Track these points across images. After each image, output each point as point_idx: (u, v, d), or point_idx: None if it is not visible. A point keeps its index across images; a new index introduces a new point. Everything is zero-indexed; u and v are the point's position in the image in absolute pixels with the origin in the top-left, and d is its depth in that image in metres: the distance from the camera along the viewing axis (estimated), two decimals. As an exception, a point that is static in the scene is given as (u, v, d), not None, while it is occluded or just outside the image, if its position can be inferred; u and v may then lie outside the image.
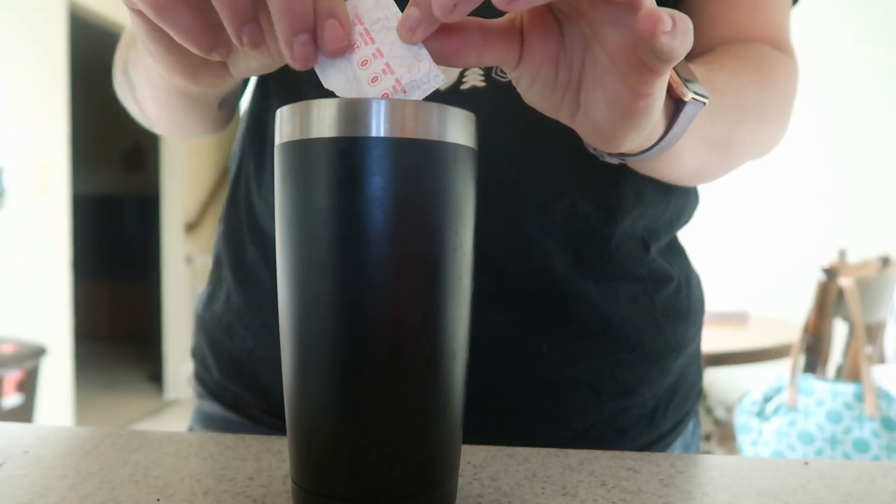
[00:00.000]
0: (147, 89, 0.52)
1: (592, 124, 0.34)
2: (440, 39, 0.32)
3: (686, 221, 0.58)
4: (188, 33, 0.32)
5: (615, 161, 0.41)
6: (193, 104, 0.51)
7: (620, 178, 0.50)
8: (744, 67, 0.49)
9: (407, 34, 0.31)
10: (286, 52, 0.31)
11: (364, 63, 0.33)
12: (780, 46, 0.54)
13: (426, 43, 0.32)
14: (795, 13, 0.58)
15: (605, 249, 0.51)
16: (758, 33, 0.53)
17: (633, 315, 0.52)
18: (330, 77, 0.33)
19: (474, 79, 0.48)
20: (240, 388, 0.56)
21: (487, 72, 0.47)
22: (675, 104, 0.36)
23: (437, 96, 0.32)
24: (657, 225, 0.54)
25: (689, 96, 0.35)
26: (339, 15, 0.31)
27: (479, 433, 0.47)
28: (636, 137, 0.34)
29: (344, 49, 0.32)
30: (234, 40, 0.32)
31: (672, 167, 0.44)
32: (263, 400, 0.55)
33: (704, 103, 0.36)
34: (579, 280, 0.50)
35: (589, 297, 0.50)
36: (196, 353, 0.62)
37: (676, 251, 0.57)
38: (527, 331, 0.50)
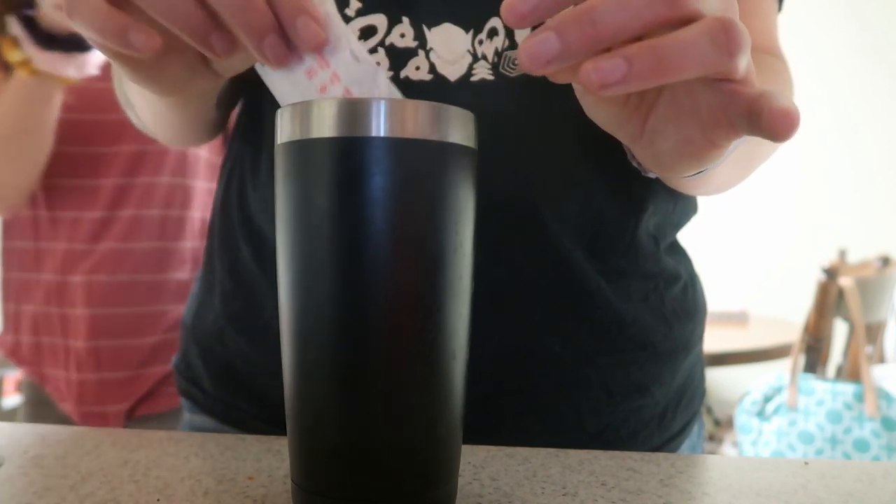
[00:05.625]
0: (144, 105, 0.52)
1: (654, 153, 0.34)
2: None
3: (686, 223, 0.58)
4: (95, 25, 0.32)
5: (652, 175, 0.41)
6: (189, 112, 0.51)
7: (634, 172, 0.50)
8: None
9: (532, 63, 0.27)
10: (258, 56, 0.31)
11: (322, 89, 0.34)
12: (772, 53, 0.55)
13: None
14: (795, 15, 0.58)
15: (618, 244, 0.51)
16: (753, 44, 0.53)
17: (645, 313, 0.52)
18: (280, 90, 0.34)
19: (483, 72, 0.47)
20: (232, 397, 0.55)
21: (496, 66, 0.47)
22: None
23: (446, 88, 0.32)
24: (665, 224, 0.54)
25: None
26: (308, 10, 0.31)
27: (492, 434, 0.47)
28: (694, 171, 0.34)
29: (322, 44, 0.32)
30: (207, 53, 0.32)
31: (705, 185, 0.45)
32: (258, 406, 0.53)
33: None
34: (593, 276, 0.50)
35: (602, 294, 0.50)
36: (181, 366, 0.60)
37: (679, 251, 0.58)
38: (540, 329, 0.49)
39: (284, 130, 0.31)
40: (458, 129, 0.30)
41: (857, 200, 2.97)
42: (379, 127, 0.29)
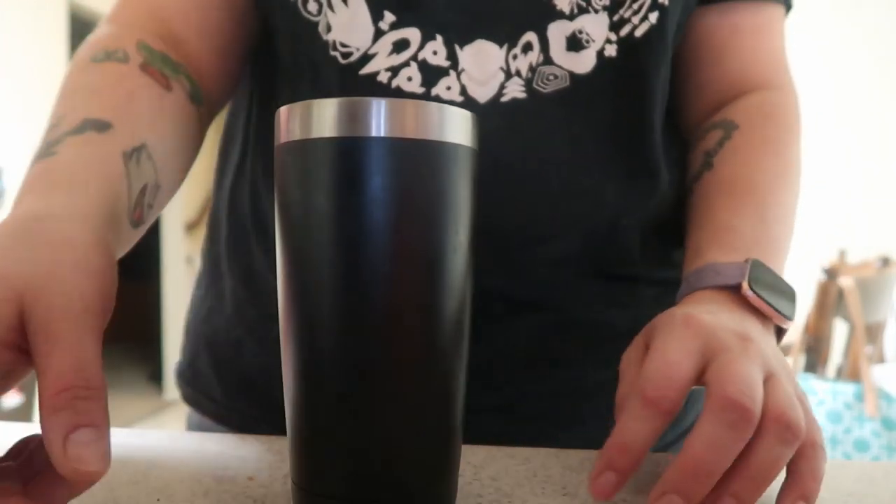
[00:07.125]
0: None
1: None
2: None
3: None
4: None
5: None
6: None
7: (655, 192, 0.51)
8: (774, 174, 0.50)
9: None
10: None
11: None
12: (776, 82, 0.54)
13: None
14: (796, 15, 0.57)
15: (635, 257, 0.52)
16: (757, 75, 0.54)
17: (657, 314, 0.52)
18: None
19: (515, 90, 0.47)
20: (250, 408, 0.54)
21: (529, 81, 0.47)
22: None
23: (475, 111, 0.32)
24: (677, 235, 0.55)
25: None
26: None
27: (515, 440, 0.47)
28: None
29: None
30: None
31: None
32: (277, 417, 0.53)
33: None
34: (609, 283, 0.51)
35: (618, 300, 0.51)
36: (186, 374, 0.58)
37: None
38: (559, 336, 0.50)
39: (284, 131, 0.31)
40: (459, 128, 0.30)
41: (857, 200, 2.97)
42: (379, 127, 0.29)
